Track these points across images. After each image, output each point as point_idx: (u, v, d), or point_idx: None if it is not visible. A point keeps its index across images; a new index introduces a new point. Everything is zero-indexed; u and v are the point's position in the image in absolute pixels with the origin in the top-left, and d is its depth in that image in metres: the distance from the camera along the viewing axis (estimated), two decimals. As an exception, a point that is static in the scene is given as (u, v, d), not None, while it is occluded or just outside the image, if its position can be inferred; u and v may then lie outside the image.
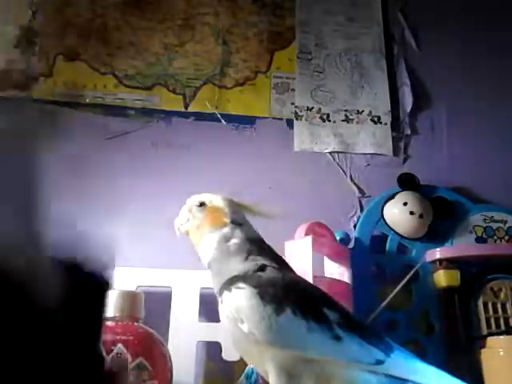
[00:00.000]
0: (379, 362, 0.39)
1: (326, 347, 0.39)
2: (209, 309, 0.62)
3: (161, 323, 0.60)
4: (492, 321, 0.66)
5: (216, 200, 0.50)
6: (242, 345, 0.43)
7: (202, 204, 0.50)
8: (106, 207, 0.73)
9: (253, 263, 0.44)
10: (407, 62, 0.88)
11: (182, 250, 0.70)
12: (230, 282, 0.42)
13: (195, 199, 0.51)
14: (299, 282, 0.44)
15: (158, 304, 0.61)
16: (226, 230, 0.47)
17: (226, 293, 0.42)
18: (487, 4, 0.93)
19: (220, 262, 0.46)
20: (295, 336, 0.39)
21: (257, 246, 0.46)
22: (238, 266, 0.44)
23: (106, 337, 0.46)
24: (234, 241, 0.46)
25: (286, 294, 0.40)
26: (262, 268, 0.43)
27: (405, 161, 0.82)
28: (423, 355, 0.68)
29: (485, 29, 0.91)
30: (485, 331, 0.65)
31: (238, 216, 0.48)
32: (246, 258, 0.45)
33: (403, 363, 0.39)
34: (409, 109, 0.85)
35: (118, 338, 0.47)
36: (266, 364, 0.40)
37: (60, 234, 0.26)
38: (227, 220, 0.48)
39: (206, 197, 0.51)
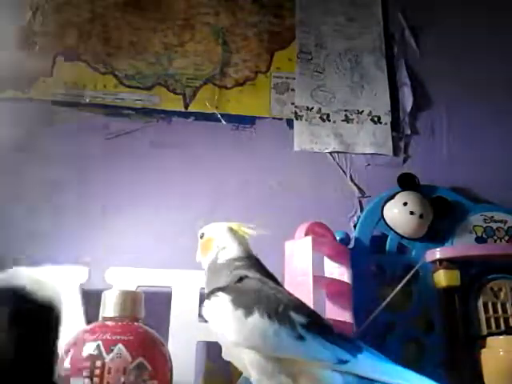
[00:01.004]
0: (342, 362, 0.40)
1: (291, 347, 0.41)
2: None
3: (161, 323, 0.60)
4: (492, 321, 0.66)
5: (211, 229, 0.53)
6: (227, 347, 0.45)
7: (202, 236, 0.54)
8: (105, 207, 0.73)
9: (234, 276, 0.47)
10: (407, 62, 0.88)
11: (182, 250, 0.70)
12: (211, 292, 0.46)
13: (200, 231, 0.54)
14: (272, 290, 0.46)
15: (158, 304, 0.61)
16: (211, 254, 0.51)
17: (206, 301, 0.46)
18: (487, 4, 0.93)
19: (210, 281, 0.50)
20: (262, 336, 0.41)
21: (244, 262, 0.49)
22: (223, 279, 0.48)
23: (106, 337, 0.46)
24: (219, 261, 0.50)
25: (256, 300, 0.43)
26: (242, 279, 0.46)
27: (405, 161, 0.82)
28: (423, 355, 0.68)
29: (485, 29, 0.91)
30: (485, 331, 0.65)
31: (223, 240, 0.51)
32: (231, 273, 0.48)
33: (370, 364, 0.41)
34: (409, 109, 0.85)
35: (118, 338, 0.47)
36: (245, 363, 0.42)
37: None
38: (214, 246, 0.51)
39: (206, 228, 0.54)
